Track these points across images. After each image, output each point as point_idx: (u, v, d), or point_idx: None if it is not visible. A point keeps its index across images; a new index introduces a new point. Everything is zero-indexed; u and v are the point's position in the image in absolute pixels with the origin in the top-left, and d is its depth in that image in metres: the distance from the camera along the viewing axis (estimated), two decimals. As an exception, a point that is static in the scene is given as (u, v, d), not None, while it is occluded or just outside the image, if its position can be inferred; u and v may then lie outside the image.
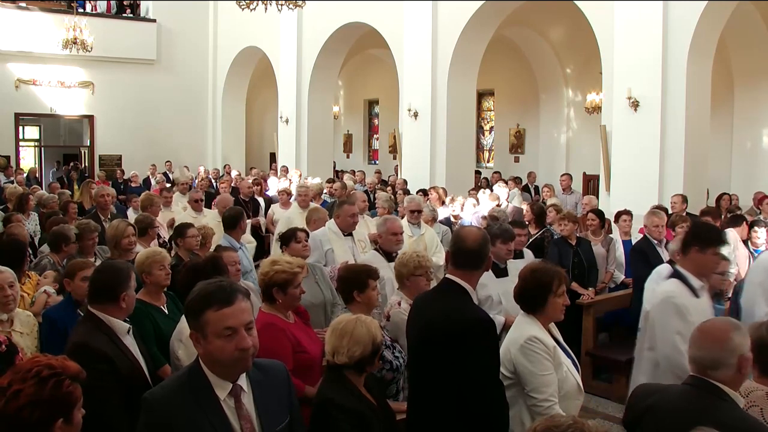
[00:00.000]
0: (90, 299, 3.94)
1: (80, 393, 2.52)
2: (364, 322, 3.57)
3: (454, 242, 3.91)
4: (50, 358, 2.55)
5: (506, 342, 3.87)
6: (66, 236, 6.65)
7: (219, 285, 2.77)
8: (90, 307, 3.92)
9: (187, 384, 2.73)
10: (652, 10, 11.13)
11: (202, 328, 2.66)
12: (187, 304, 2.76)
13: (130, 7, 23.50)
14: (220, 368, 2.71)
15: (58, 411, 2.43)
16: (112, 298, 3.87)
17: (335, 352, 3.49)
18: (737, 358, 3.04)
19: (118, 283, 3.88)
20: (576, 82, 19.21)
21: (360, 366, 3.49)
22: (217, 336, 2.65)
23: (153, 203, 9.37)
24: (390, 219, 6.74)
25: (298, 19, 19.07)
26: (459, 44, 14.91)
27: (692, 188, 10.93)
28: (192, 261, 5.43)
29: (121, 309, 3.90)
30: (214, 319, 2.65)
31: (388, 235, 6.48)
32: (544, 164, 19.59)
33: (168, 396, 2.70)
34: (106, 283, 3.89)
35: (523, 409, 3.73)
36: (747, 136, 15.11)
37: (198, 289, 2.76)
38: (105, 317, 3.83)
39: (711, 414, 2.89)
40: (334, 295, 5.96)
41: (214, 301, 2.67)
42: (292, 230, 6.28)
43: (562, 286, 3.89)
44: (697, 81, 11.16)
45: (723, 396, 2.98)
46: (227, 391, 2.73)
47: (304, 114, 19.62)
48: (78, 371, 2.53)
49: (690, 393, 3.05)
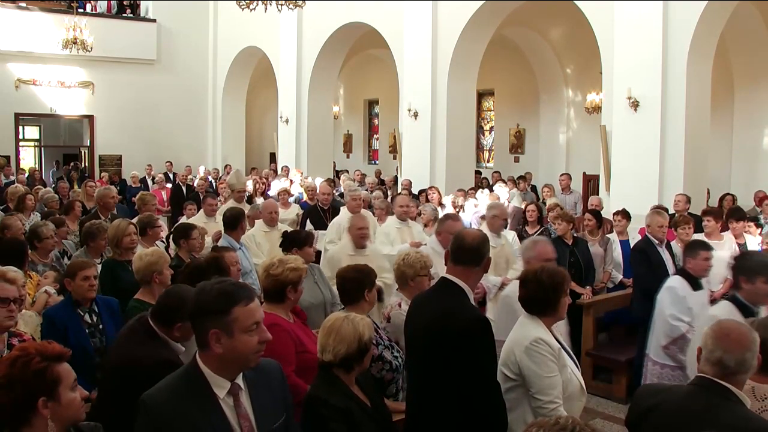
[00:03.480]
0: (152, 315, 3.96)
1: (62, 372, 2.55)
2: (352, 321, 3.56)
3: (454, 241, 3.92)
4: (29, 343, 2.64)
5: (510, 343, 3.85)
6: (37, 234, 6.74)
7: (234, 283, 2.85)
8: (150, 318, 3.95)
9: (185, 384, 2.73)
10: (652, 10, 11.13)
11: (229, 324, 2.68)
12: (207, 304, 2.72)
13: (130, 7, 23.50)
14: (230, 365, 2.73)
15: (36, 390, 2.47)
16: (166, 323, 3.89)
17: (323, 350, 3.50)
18: (757, 360, 3.06)
19: (177, 312, 3.86)
20: (576, 82, 19.21)
21: (347, 364, 3.49)
22: (245, 331, 2.69)
23: (147, 203, 9.39)
24: (540, 242, 5.35)
25: (298, 19, 19.08)
26: (459, 44, 14.91)
27: (692, 188, 10.91)
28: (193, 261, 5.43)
29: (173, 336, 3.93)
30: (244, 315, 2.69)
31: (539, 262, 4.97)
32: (544, 164, 19.60)
33: (166, 397, 2.69)
34: (168, 307, 3.89)
35: (527, 411, 3.71)
36: (747, 136, 15.08)
37: (214, 289, 2.76)
38: (163, 336, 3.90)
39: (716, 414, 2.89)
40: (333, 294, 5.97)
41: (240, 298, 2.71)
42: (307, 233, 6.33)
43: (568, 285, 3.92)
44: (697, 81, 11.15)
45: (729, 396, 2.97)
46: (226, 390, 2.74)
47: (304, 114, 19.63)
48: (60, 352, 2.57)
49: (695, 393, 3.03)
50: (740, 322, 3.25)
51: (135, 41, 22.47)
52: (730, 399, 2.96)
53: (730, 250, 8.34)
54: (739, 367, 3.00)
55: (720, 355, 3.01)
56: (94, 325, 4.98)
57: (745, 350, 3.01)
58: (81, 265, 5.07)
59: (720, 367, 3.01)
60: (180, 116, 23.43)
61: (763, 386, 3.26)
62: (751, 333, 3.08)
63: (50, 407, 2.48)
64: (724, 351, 3.01)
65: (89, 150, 23.26)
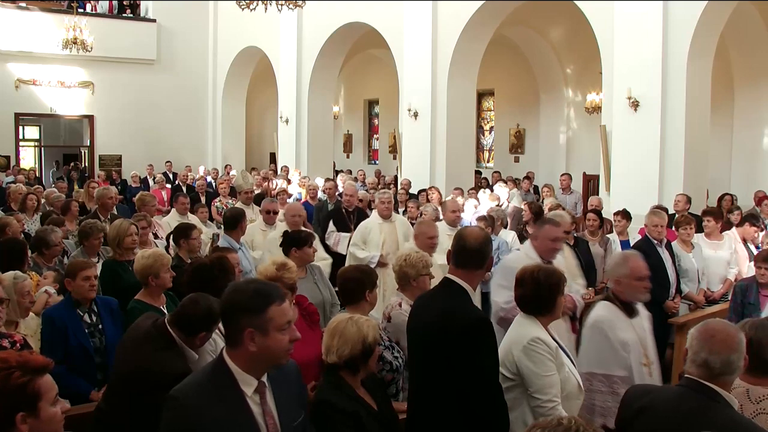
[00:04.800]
0: (172, 322, 3.95)
1: (44, 386, 2.44)
2: (356, 322, 3.58)
3: (456, 242, 3.90)
4: (9, 353, 2.50)
5: (507, 343, 3.86)
6: (46, 241, 6.58)
7: (266, 282, 2.93)
8: (169, 325, 3.94)
9: (214, 381, 2.74)
10: (652, 10, 11.11)
11: (265, 323, 2.70)
12: (244, 303, 2.73)
13: (130, 7, 23.52)
14: (261, 364, 2.76)
15: (15, 404, 2.36)
16: (190, 332, 3.90)
17: (327, 351, 3.52)
18: (743, 360, 3.03)
19: (203, 322, 3.88)
20: (576, 82, 19.21)
21: (352, 366, 3.49)
22: (279, 330, 2.72)
23: (146, 203, 9.37)
24: (632, 258, 4.79)
25: (298, 19, 19.07)
26: (459, 44, 14.89)
27: (692, 188, 10.90)
28: (196, 261, 5.40)
29: (192, 345, 3.93)
30: (279, 314, 2.73)
31: (632, 281, 4.58)
32: (544, 164, 19.60)
33: (196, 394, 2.70)
34: (195, 316, 3.88)
35: (526, 411, 3.72)
36: (747, 136, 15.08)
37: (249, 288, 2.79)
38: (180, 343, 3.89)
39: (704, 415, 2.88)
40: (332, 295, 5.95)
41: (275, 297, 2.75)
42: (307, 234, 6.29)
43: (564, 285, 3.93)
44: (697, 81, 11.14)
45: (716, 397, 2.94)
46: (254, 388, 2.76)
47: (304, 114, 19.62)
48: (43, 364, 2.47)
49: (684, 394, 3.01)
50: (727, 322, 3.21)
51: (135, 41, 22.49)
52: (718, 401, 2.93)
53: (729, 250, 8.35)
54: (725, 368, 2.96)
55: (705, 357, 2.97)
56: (94, 325, 4.99)
57: (731, 351, 2.97)
58: (81, 265, 5.07)
59: (705, 369, 2.97)
60: (180, 116, 23.43)
61: (757, 388, 3.23)
62: (737, 334, 3.04)
63: (29, 423, 2.38)
64: (710, 352, 2.97)
65: (89, 150, 23.27)
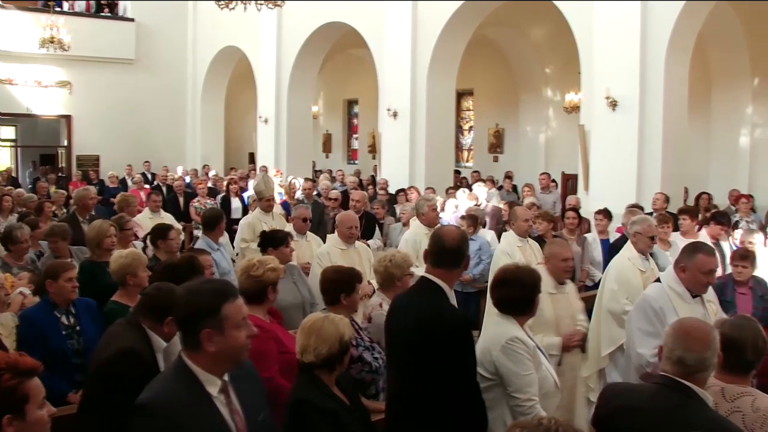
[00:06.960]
0: (136, 308, 3.98)
1: (32, 389, 2.40)
2: (332, 321, 3.56)
3: (433, 241, 3.89)
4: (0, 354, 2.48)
5: (485, 343, 3.85)
6: (12, 237, 6.64)
7: (218, 280, 2.97)
8: (137, 313, 3.98)
9: (180, 385, 2.70)
10: (630, 11, 11.17)
11: (221, 322, 2.69)
12: (199, 305, 2.71)
13: (108, 6, 23.30)
14: (223, 363, 2.74)
15: (3, 406, 2.34)
16: (157, 317, 3.90)
17: (304, 350, 3.48)
18: (718, 358, 3.06)
19: (169, 308, 3.86)
20: (555, 82, 19.29)
21: (329, 364, 3.47)
22: (236, 327, 2.72)
23: (129, 204, 9.31)
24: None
25: (277, 19, 19.00)
26: (438, 44, 14.90)
27: (670, 187, 10.97)
28: (167, 261, 5.41)
29: (161, 333, 3.94)
30: (234, 311, 2.72)
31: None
32: (524, 164, 19.65)
33: (166, 399, 2.66)
34: (161, 301, 3.86)
35: (505, 410, 3.72)
36: (725, 135, 15.19)
37: (202, 289, 2.78)
38: (149, 332, 3.92)
39: (681, 413, 2.90)
40: (312, 295, 5.98)
41: (228, 295, 2.74)
42: (284, 233, 6.32)
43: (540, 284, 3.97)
44: (675, 80, 11.22)
45: (691, 395, 2.96)
46: (218, 388, 2.74)
47: (284, 114, 19.56)
48: (32, 367, 2.44)
49: (661, 392, 3.03)
50: (701, 320, 3.23)
51: (113, 40, 22.25)
52: (694, 399, 2.96)
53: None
54: (699, 365, 2.99)
55: (680, 354, 3.00)
56: (72, 327, 4.94)
57: (706, 349, 3.00)
58: (64, 266, 5.05)
59: (680, 366, 3.00)
60: (159, 116, 23.21)
61: (732, 386, 3.24)
62: (712, 332, 3.08)
63: (15, 426, 2.35)
64: (685, 350, 3.00)
65: (66, 150, 23.00)
